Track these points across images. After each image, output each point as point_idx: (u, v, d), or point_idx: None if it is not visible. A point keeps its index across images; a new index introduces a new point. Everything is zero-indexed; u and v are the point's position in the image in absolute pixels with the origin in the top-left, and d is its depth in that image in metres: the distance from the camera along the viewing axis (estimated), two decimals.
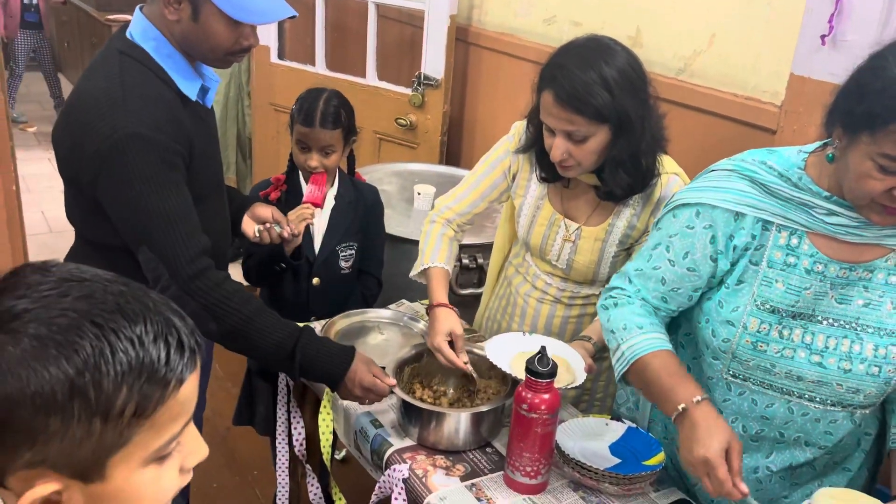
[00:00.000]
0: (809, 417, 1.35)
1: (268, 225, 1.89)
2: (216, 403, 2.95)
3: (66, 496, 0.67)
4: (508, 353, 1.62)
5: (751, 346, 1.32)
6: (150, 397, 0.66)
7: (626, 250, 1.74)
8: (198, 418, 1.79)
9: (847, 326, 1.29)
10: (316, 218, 2.06)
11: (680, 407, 1.28)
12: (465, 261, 2.46)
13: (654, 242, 1.41)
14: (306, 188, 2.06)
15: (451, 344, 1.65)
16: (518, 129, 1.78)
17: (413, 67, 3.19)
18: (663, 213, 1.42)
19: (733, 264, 1.33)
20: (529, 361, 1.40)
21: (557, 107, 1.52)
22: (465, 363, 1.64)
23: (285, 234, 1.91)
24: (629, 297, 1.43)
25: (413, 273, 1.86)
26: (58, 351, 0.63)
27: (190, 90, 1.53)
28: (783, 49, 2.02)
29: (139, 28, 1.50)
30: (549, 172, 1.70)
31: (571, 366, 1.60)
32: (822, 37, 1.82)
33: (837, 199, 1.24)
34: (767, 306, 1.31)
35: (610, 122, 1.52)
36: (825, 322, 1.29)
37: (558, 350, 1.64)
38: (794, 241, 1.29)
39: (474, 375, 1.65)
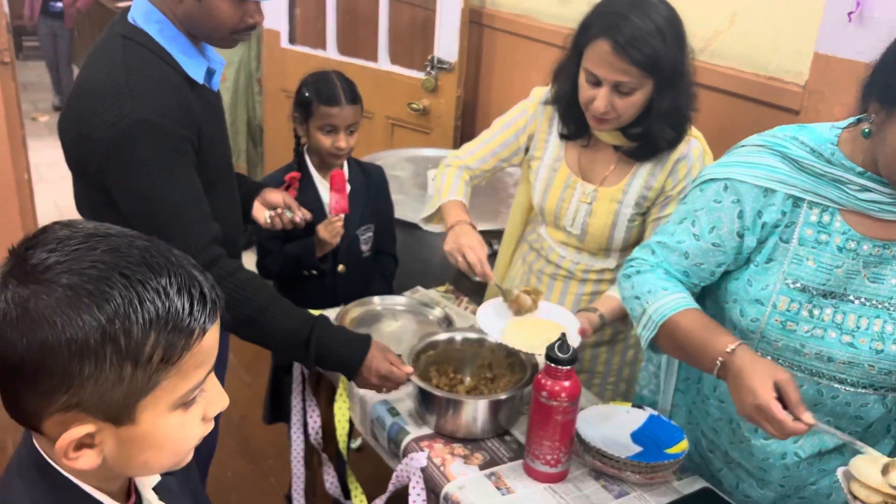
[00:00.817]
0: (840, 400, 1.31)
1: (279, 210, 1.87)
2: (230, 392, 2.90)
3: (98, 438, 0.72)
4: (500, 320, 1.60)
5: (780, 326, 1.29)
6: (175, 345, 0.70)
7: (642, 214, 1.71)
8: (220, 375, 1.77)
9: (880, 306, 1.25)
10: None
11: (718, 361, 1.23)
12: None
13: (680, 216, 1.38)
14: (329, 198, 2.00)
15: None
16: (537, 94, 1.77)
17: (426, 51, 3.15)
18: (691, 188, 1.40)
19: (762, 242, 1.30)
20: (549, 348, 1.37)
21: (614, 55, 1.49)
22: (490, 277, 1.62)
23: (297, 220, 1.88)
24: (651, 266, 1.40)
25: (425, 214, 1.84)
26: (90, 300, 0.67)
27: (196, 73, 1.49)
28: (806, 27, 1.96)
29: (141, 11, 1.46)
30: (573, 128, 1.67)
31: (566, 329, 1.57)
32: (850, 14, 1.77)
33: (871, 175, 1.20)
34: (798, 284, 1.28)
35: (660, 74, 1.51)
36: (857, 301, 1.26)
37: (553, 313, 1.61)
38: (826, 217, 1.26)
39: (499, 286, 1.64)
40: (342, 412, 1.69)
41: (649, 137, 1.60)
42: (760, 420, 1.17)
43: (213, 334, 0.74)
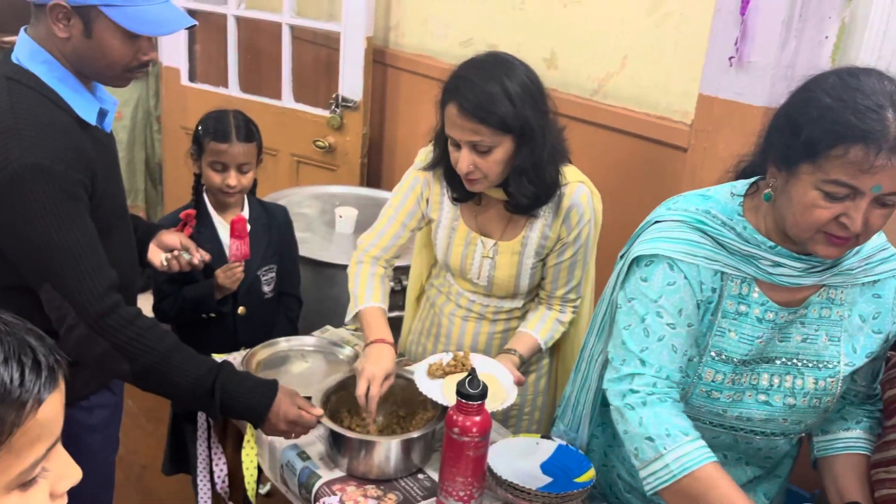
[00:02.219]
0: (753, 446, 1.39)
1: (176, 252, 1.81)
2: (130, 442, 2.81)
3: None
4: (438, 379, 1.60)
5: (704, 395, 1.32)
6: (4, 420, 0.63)
7: (542, 261, 1.76)
8: (110, 460, 1.70)
9: (789, 363, 1.31)
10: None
11: None
12: (391, 283, 2.43)
13: (641, 314, 1.28)
14: (231, 245, 1.96)
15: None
16: (423, 156, 1.79)
17: (330, 89, 3.16)
18: (626, 279, 1.33)
19: (704, 316, 1.31)
20: (460, 384, 1.39)
21: (462, 117, 1.54)
22: (373, 416, 1.59)
23: (195, 262, 1.83)
24: (654, 386, 1.26)
25: (347, 318, 1.81)
26: None
27: (88, 114, 1.44)
28: (692, 70, 2.09)
29: (26, 51, 1.41)
30: (460, 191, 1.72)
31: (501, 383, 1.60)
32: (730, 58, 1.90)
33: (781, 250, 1.24)
34: (722, 356, 1.30)
35: (513, 132, 1.56)
36: (769, 362, 1.32)
37: (485, 367, 1.63)
38: (745, 289, 1.28)
39: (373, 424, 1.62)
40: (250, 458, 1.64)
41: (510, 193, 1.64)
42: None
43: (51, 404, 0.67)
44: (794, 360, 1.31)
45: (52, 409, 0.67)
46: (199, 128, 2.00)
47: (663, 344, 1.27)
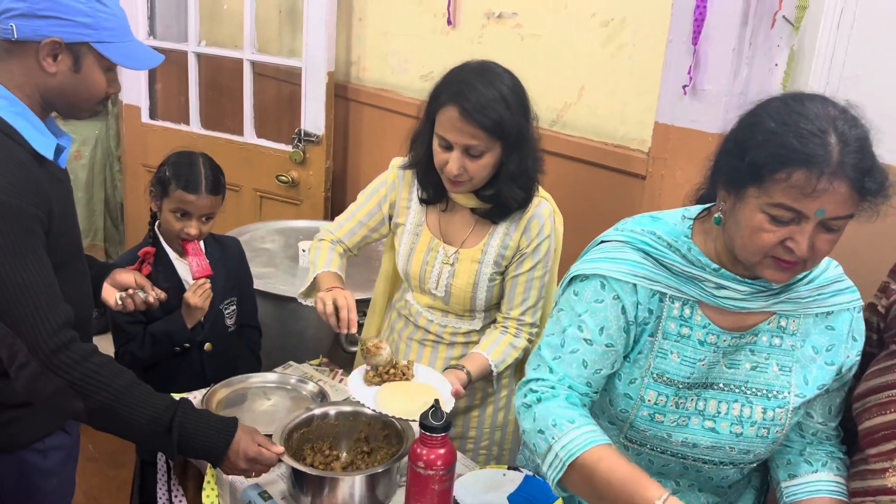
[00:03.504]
0: (703, 475, 1.38)
1: (130, 291, 1.78)
2: (90, 488, 2.74)
3: None
4: (372, 387, 1.60)
5: (648, 418, 1.32)
6: None
7: (501, 273, 1.78)
8: (71, 469, 1.64)
9: (737, 390, 1.30)
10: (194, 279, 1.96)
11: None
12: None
13: (564, 325, 1.31)
14: (190, 263, 1.95)
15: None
16: (396, 163, 1.84)
17: (293, 124, 3.16)
18: (561, 292, 1.35)
19: (637, 337, 1.31)
20: (423, 416, 1.37)
21: (462, 121, 1.57)
22: (346, 323, 1.63)
23: (150, 300, 1.80)
24: (552, 387, 1.28)
25: (302, 289, 1.84)
26: None
27: (45, 149, 1.43)
28: (647, 99, 2.13)
29: None
30: (431, 192, 1.74)
31: (439, 392, 1.58)
32: (684, 87, 1.94)
33: (724, 273, 1.25)
34: (664, 378, 1.30)
35: (506, 138, 1.60)
36: (716, 388, 1.31)
37: (427, 377, 1.63)
38: (687, 311, 1.29)
39: (351, 334, 1.66)
40: (210, 500, 1.60)
41: (500, 198, 1.68)
42: None
43: None
44: (743, 388, 1.30)
45: None
46: (166, 171, 1.97)
47: (575, 356, 1.28)
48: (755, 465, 1.38)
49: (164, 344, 1.96)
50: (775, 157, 1.10)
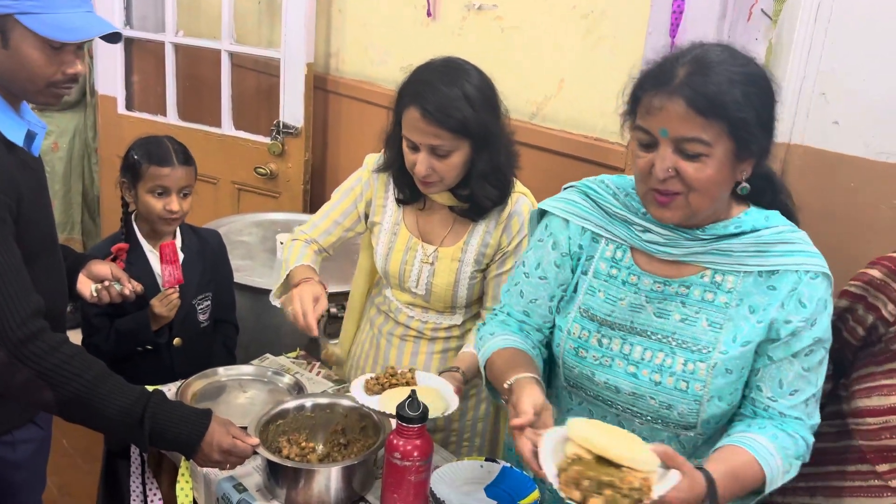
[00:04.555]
0: (637, 434, 1.34)
1: (106, 283, 1.75)
2: (64, 482, 2.70)
3: None
4: (375, 395, 1.57)
5: (574, 352, 1.37)
6: None
7: (482, 271, 1.76)
8: (35, 499, 1.62)
9: (664, 340, 1.31)
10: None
11: (504, 395, 1.28)
12: (333, 310, 2.39)
13: (516, 263, 1.50)
14: (163, 271, 1.91)
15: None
16: (370, 161, 1.82)
17: (271, 116, 3.14)
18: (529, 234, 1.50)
19: (573, 273, 1.40)
20: (399, 406, 1.36)
21: (424, 121, 1.55)
22: (314, 331, 1.60)
23: (126, 293, 1.77)
24: (495, 314, 1.48)
25: (275, 289, 1.81)
26: None
27: (14, 135, 1.40)
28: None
29: None
30: (408, 192, 1.72)
31: (442, 393, 1.57)
32: None
33: (650, 217, 1.29)
34: (589, 314, 1.36)
35: (472, 136, 1.58)
36: (643, 335, 1.33)
37: (427, 381, 1.61)
38: (619, 254, 1.36)
39: (319, 337, 1.67)
40: (185, 493, 1.58)
41: (474, 197, 1.66)
42: (515, 435, 1.18)
43: None
44: (670, 339, 1.31)
45: None
46: (133, 154, 1.94)
47: (516, 288, 1.46)
48: (691, 433, 1.33)
49: (127, 341, 1.94)
50: (639, 84, 1.22)
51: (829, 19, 1.78)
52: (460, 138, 1.57)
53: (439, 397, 1.55)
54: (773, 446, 1.24)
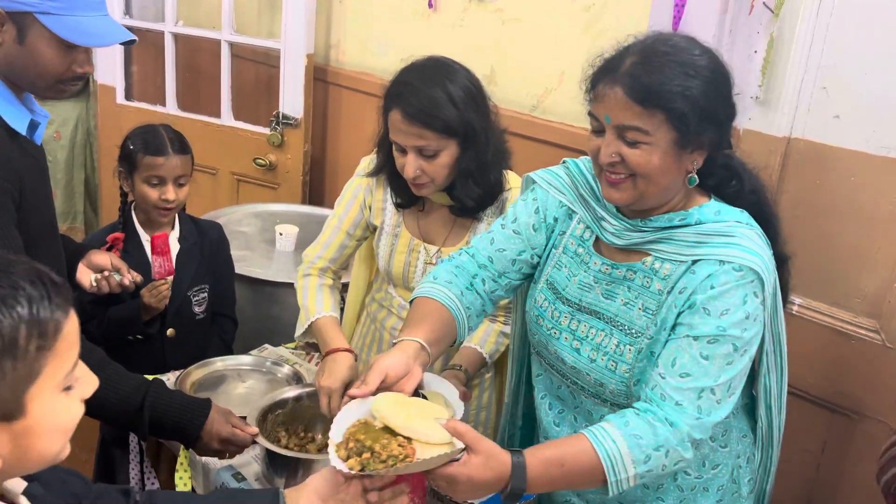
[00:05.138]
0: (583, 409, 1.40)
1: (106, 273, 1.75)
2: None
3: None
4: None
5: (535, 320, 1.43)
6: (47, 330, 0.77)
7: None
8: None
9: (608, 321, 1.33)
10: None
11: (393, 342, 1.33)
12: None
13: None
14: (153, 262, 1.91)
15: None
16: (366, 164, 1.79)
17: (271, 107, 3.13)
18: None
19: (548, 240, 1.43)
20: None
21: (406, 123, 1.54)
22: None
23: (126, 283, 1.77)
24: (459, 254, 1.49)
25: (298, 332, 1.78)
26: None
27: (18, 123, 1.40)
28: None
29: None
30: (404, 196, 1.71)
31: (448, 399, 1.57)
32: None
33: (605, 205, 1.33)
34: (552, 287, 1.41)
35: (458, 135, 1.57)
36: (591, 313, 1.35)
37: (431, 384, 1.61)
38: (587, 234, 1.39)
39: (312, 444, 1.60)
40: (184, 482, 1.58)
41: (458, 196, 1.65)
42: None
43: (72, 318, 0.80)
44: (612, 321, 1.33)
45: (73, 322, 0.81)
46: (129, 144, 1.94)
47: (489, 235, 1.48)
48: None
49: (119, 330, 1.94)
50: (595, 72, 1.25)
51: (831, 13, 1.77)
52: (446, 138, 1.56)
53: (445, 404, 1.55)
54: (620, 433, 1.20)
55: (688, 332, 1.23)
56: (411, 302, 1.42)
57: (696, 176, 1.26)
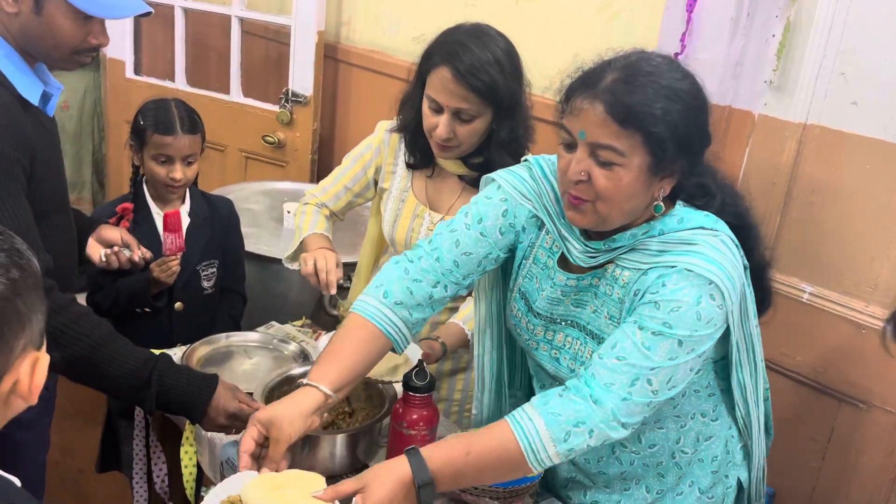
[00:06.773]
0: None
1: (116, 248, 1.75)
2: (66, 443, 2.71)
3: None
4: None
5: (514, 328, 1.44)
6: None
7: None
8: (40, 460, 1.62)
9: (581, 329, 1.33)
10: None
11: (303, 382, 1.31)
12: (340, 280, 2.39)
13: (457, 217, 1.42)
14: (165, 239, 1.90)
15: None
16: (382, 127, 1.81)
17: (280, 84, 3.11)
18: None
19: (514, 251, 1.40)
20: (406, 377, 1.36)
21: (455, 83, 1.54)
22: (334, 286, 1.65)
23: (136, 259, 1.77)
24: (420, 254, 1.39)
25: (288, 253, 1.83)
26: None
27: (31, 94, 1.39)
28: None
29: None
30: (418, 157, 1.71)
31: (409, 357, 1.57)
32: (676, 55, 1.91)
33: (568, 224, 1.28)
34: (524, 297, 1.40)
35: (498, 103, 1.57)
36: (564, 322, 1.35)
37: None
38: (556, 246, 1.35)
39: (333, 296, 1.69)
40: (189, 457, 1.59)
41: (489, 165, 1.64)
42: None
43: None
44: (585, 329, 1.33)
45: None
46: (140, 119, 1.94)
47: (452, 235, 1.39)
48: None
49: (127, 302, 1.94)
50: (572, 84, 1.21)
51: None
52: (486, 104, 1.56)
53: (400, 358, 1.56)
54: (537, 412, 1.19)
55: (635, 320, 1.21)
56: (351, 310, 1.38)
57: (661, 204, 1.22)
